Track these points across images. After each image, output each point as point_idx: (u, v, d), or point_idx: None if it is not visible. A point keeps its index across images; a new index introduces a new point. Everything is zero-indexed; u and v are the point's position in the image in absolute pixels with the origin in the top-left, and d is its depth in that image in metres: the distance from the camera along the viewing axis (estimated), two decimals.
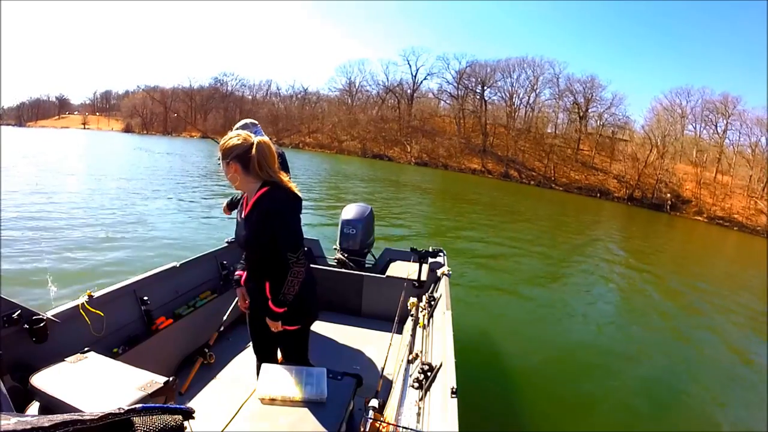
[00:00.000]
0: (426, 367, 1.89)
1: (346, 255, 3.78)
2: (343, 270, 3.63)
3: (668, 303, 7.54)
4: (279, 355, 1.97)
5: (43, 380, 1.49)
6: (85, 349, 1.73)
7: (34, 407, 1.47)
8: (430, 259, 3.49)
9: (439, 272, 3.14)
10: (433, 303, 2.78)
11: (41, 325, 1.77)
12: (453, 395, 1.48)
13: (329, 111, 59.30)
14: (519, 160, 44.18)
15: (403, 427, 1.55)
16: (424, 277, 3.32)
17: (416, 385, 1.84)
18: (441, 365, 1.80)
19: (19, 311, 1.73)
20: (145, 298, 2.39)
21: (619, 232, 18.25)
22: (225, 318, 2.76)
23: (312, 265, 3.36)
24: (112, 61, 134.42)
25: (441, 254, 3.58)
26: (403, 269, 3.56)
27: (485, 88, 49.74)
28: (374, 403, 1.69)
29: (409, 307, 2.94)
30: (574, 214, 22.04)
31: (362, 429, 1.58)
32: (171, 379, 1.55)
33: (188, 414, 0.58)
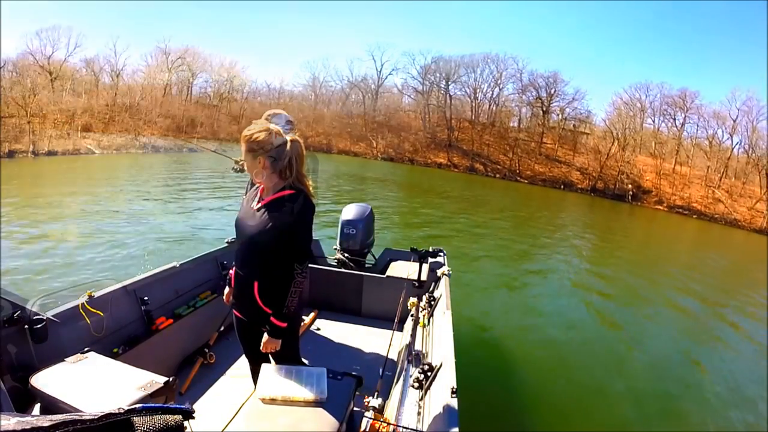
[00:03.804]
0: (426, 367, 1.89)
1: (346, 255, 3.78)
2: (343, 270, 3.63)
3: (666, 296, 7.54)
4: None
5: (43, 380, 1.50)
6: (85, 349, 1.73)
7: (34, 407, 1.47)
8: (430, 259, 3.49)
9: (439, 272, 3.13)
10: (433, 303, 2.78)
11: (41, 325, 1.77)
12: (453, 395, 1.48)
13: (292, 107, 56.19)
14: (484, 154, 44.18)
15: (403, 427, 1.55)
16: (424, 277, 3.31)
17: (416, 385, 1.84)
18: (441, 365, 1.80)
19: (19, 311, 1.72)
20: (145, 298, 2.39)
21: (599, 224, 18.98)
22: (225, 318, 2.76)
23: (312, 266, 3.38)
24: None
25: (441, 254, 3.57)
26: (403, 269, 3.56)
27: (450, 83, 49.19)
28: (374, 403, 1.68)
29: (409, 307, 2.94)
30: (544, 207, 22.41)
31: (362, 429, 1.57)
32: (171, 379, 1.55)
33: (188, 414, 0.58)
